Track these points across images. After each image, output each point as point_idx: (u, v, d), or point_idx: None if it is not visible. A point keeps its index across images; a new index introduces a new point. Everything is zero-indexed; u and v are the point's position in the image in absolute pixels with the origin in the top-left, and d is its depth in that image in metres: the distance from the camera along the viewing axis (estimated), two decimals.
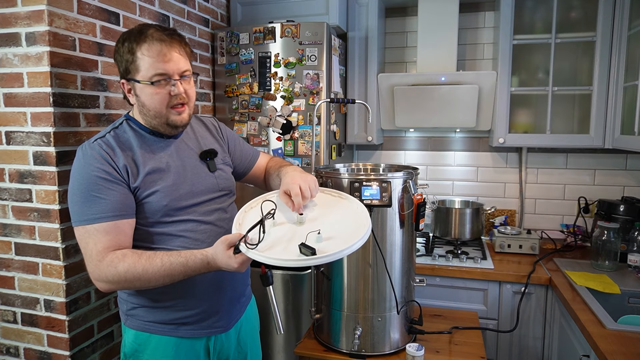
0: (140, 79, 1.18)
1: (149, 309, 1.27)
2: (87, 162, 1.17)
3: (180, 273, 1.13)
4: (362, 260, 1.51)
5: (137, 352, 1.28)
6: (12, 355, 1.63)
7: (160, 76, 1.18)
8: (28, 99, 1.48)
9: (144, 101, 1.21)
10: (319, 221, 1.21)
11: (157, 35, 1.18)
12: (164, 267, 1.12)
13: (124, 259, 1.13)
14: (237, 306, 1.39)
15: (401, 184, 1.49)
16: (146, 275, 1.12)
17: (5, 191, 1.56)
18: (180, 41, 1.22)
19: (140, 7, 1.83)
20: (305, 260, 1.04)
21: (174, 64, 1.19)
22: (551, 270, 2.03)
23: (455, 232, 2.34)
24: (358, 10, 2.43)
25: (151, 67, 1.17)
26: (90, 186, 1.15)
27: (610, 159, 2.45)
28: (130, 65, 1.19)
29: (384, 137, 2.77)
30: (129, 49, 1.18)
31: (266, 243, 1.11)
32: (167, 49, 1.17)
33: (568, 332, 1.74)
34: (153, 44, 1.16)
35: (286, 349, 2.27)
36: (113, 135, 1.23)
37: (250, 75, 2.26)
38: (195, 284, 1.26)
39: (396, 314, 1.54)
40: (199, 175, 1.32)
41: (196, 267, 1.12)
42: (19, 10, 1.44)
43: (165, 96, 1.20)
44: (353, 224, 1.18)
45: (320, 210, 1.27)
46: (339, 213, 1.25)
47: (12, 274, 1.59)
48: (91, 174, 1.15)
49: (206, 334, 1.31)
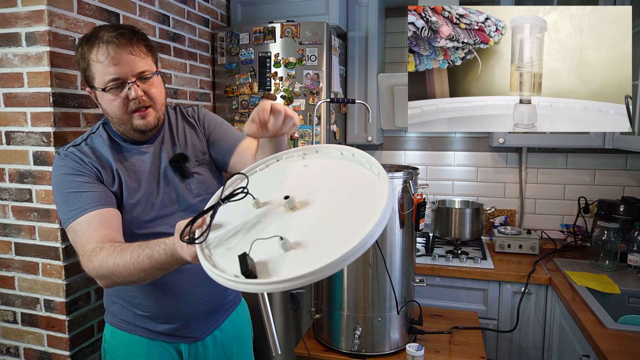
0: (97, 86, 1.11)
1: (123, 308, 1.27)
2: (62, 165, 1.14)
3: (150, 267, 0.95)
4: (362, 260, 1.51)
5: (113, 348, 1.28)
6: (12, 355, 1.63)
7: (113, 81, 1.10)
8: (28, 99, 1.48)
9: (105, 108, 1.15)
10: (316, 206, 0.80)
11: (107, 37, 1.09)
12: (132, 260, 0.97)
13: (99, 253, 1.02)
14: (211, 317, 1.32)
15: (401, 184, 1.49)
16: (118, 270, 0.98)
17: (5, 191, 1.56)
18: (133, 40, 1.11)
19: (140, 7, 1.83)
20: (234, 282, 0.68)
21: (126, 65, 1.09)
22: (551, 270, 2.04)
23: (455, 232, 2.34)
24: (358, 10, 2.43)
25: (103, 72, 1.09)
26: (67, 185, 1.11)
27: (610, 159, 2.45)
28: (87, 73, 1.13)
29: (384, 137, 2.77)
30: (82, 55, 1.12)
31: (223, 233, 0.80)
32: (116, 51, 1.08)
33: (568, 332, 1.74)
34: (101, 48, 1.08)
35: (286, 349, 2.27)
36: (89, 142, 1.19)
37: (250, 75, 2.26)
38: (161, 294, 1.23)
39: (396, 314, 1.54)
40: (170, 183, 1.24)
41: (161, 259, 0.94)
42: (19, 10, 1.44)
43: (123, 101, 1.12)
44: (355, 221, 0.72)
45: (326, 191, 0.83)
46: (348, 196, 0.81)
47: (12, 274, 1.59)
48: (66, 174, 1.12)
49: (178, 340, 1.28)
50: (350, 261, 0.65)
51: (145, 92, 1.14)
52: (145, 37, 1.17)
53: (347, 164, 0.91)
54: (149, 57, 1.15)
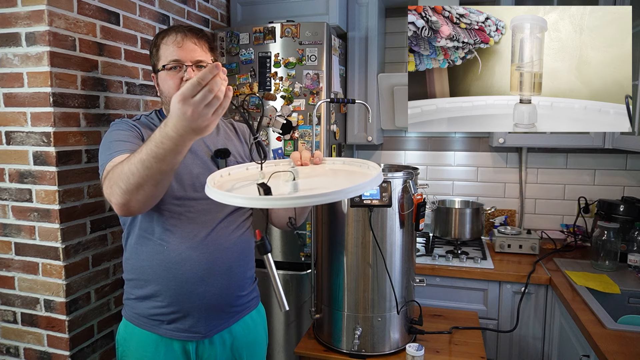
0: (159, 66, 1.27)
1: (136, 301, 1.30)
2: (115, 124, 1.27)
3: (149, 155, 0.95)
4: (362, 260, 1.51)
5: (125, 342, 1.32)
6: (12, 355, 1.63)
7: (174, 62, 1.24)
8: (28, 99, 1.48)
9: (161, 88, 1.28)
10: (318, 177, 1.03)
11: (178, 28, 1.27)
12: (136, 152, 0.99)
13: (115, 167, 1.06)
14: (219, 314, 1.32)
15: (401, 184, 1.49)
16: (124, 171, 0.99)
17: (5, 191, 1.56)
18: (199, 35, 1.29)
19: (140, 7, 1.83)
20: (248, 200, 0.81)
21: (189, 51, 1.25)
22: (551, 270, 2.03)
23: (455, 232, 2.34)
24: (358, 10, 2.43)
25: (168, 54, 1.25)
26: (114, 136, 1.21)
27: (610, 159, 2.45)
28: (154, 58, 1.29)
29: (384, 137, 2.77)
30: (154, 43, 1.29)
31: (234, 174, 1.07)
32: (183, 38, 1.25)
33: (568, 332, 1.74)
34: (171, 34, 1.26)
35: (286, 349, 2.27)
36: (140, 120, 1.32)
37: (250, 75, 2.26)
38: (172, 279, 1.25)
39: (396, 314, 1.54)
40: (207, 171, 1.28)
41: (156, 135, 0.94)
42: (19, 10, 1.44)
43: (177, 82, 1.24)
44: (350, 182, 0.91)
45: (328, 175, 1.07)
46: (344, 176, 1.07)
47: (12, 274, 1.59)
48: (117, 130, 1.24)
49: (184, 337, 1.29)
50: (340, 198, 0.82)
51: None
52: (211, 39, 1.35)
53: (342, 166, 1.14)
54: (209, 54, 1.31)
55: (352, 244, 1.52)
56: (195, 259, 1.26)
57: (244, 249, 1.37)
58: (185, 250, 1.25)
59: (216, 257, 1.28)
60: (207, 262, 1.27)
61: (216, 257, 1.28)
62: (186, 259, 1.25)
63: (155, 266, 1.26)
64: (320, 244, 1.62)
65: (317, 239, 1.63)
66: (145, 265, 1.27)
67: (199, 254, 1.26)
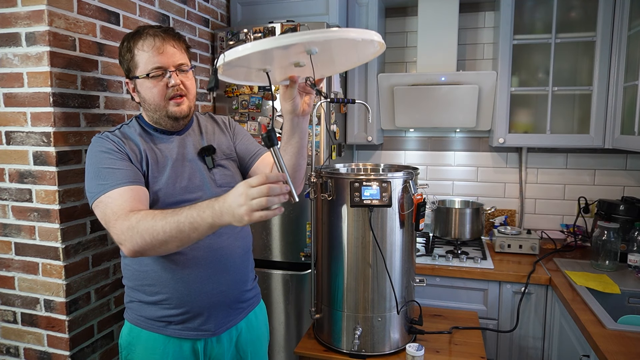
0: (139, 74, 1.23)
1: (141, 304, 1.30)
2: (98, 144, 1.21)
3: (187, 222, 1.01)
4: (362, 260, 1.51)
5: (130, 345, 1.31)
6: (12, 355, 1.63)
7: (156, 70, 1.22)
8: (28, 99, 1.47)
9: (144, 95, 1.25)
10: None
11: (152, 31, 1.23)
12: (173, 213, 1.03)
13: (138, 214, 1.08)
14: (227, 311, 1.34)
15: (401, 184, 1.49)
16: (156, 227, 1.03)
17: (5, 191, 1.55)
18: (176, 36, 1.27)
19: (140, 7, 1.83)
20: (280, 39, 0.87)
21: (169, 56, 1.23)
22: (551, 270, 2.03)
23: (455, 232, 2.34)
24: (358, 10, 2.43)
25: (148, 61, 1.21)
26: (101, 162, 1.18)
27: (610, 159, 2.45)
28: (130, 64, 1.24)
29: (384, 137, 2.77)
30: (127, 48, 1.24)
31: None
32: (161, 43, 1.22)
33: (568, 332, 1.74)
34: (147, 39, 1.22)
35: (286, 349, 2.27)
36: (121, 130, 1.28)
37: None
38: (179, 280, 1.26)
39: (396, 314, 1.54)
40: (197, 171, 1.31)
41: (202, 210, 1.00)
42: (19, 10, 1.44)
43: (162, 88, 1.23)
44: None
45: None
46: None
47: (12, 274, 1.59)
48: (101, 152, 1.20)
49: (194, 336, 1.30)
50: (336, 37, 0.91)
51: (182, 82, 1.25)
52: (184, 38, 1.32)
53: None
54: (186, 54, 1.29)
55: (352, 244, 1.52)
56: (199, 258, 1.27)
57: (245, 244, 1.40)
58: (188, 251, 1.25)
59: (220, 255, 1.30)
60: (211, 261, 1.28)
61: (220, 254, 1.30)
62: (190, 259, 1.26)
63: (159, 270, 1.26)
64: (320, 244, 1.62)
65: (317, 239, 1.63)
66: (148, 270, 1.27)
67: (202, 254, 1.27)
